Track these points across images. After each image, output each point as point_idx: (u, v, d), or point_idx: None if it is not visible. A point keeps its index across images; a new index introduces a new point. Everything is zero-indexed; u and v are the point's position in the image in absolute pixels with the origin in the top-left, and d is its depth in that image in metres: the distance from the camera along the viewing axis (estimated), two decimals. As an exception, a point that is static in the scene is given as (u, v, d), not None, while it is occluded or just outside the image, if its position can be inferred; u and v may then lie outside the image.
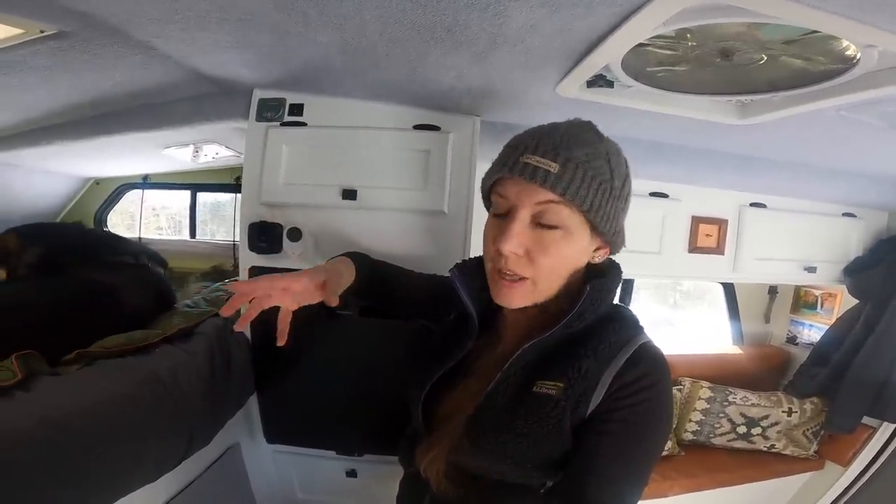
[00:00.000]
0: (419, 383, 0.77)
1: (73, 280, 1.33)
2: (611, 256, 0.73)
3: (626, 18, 0.67)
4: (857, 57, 0.77)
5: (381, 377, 1.26)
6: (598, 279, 0.68)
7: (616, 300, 0.74)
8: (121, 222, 2.64)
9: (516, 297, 0.67)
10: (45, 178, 2.07)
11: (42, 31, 0.86)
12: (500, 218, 0.67)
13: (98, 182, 2.38)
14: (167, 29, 0.87)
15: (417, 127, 1.26)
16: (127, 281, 1.40)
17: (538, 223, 0.64)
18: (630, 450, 0.62)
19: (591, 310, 0.67)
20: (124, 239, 1.58)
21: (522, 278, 0.66)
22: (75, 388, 0.91)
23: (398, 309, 1.00)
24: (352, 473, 1.47)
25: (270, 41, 0.92)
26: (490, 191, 0.70)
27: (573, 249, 0.66)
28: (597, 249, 0.70)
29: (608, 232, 0.67)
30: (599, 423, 0.62)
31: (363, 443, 1.41)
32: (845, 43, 0.75)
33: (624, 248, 0.73)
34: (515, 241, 0.64)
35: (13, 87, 1.17)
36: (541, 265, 0.65)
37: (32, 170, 1.95)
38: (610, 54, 0.81)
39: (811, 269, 1.91)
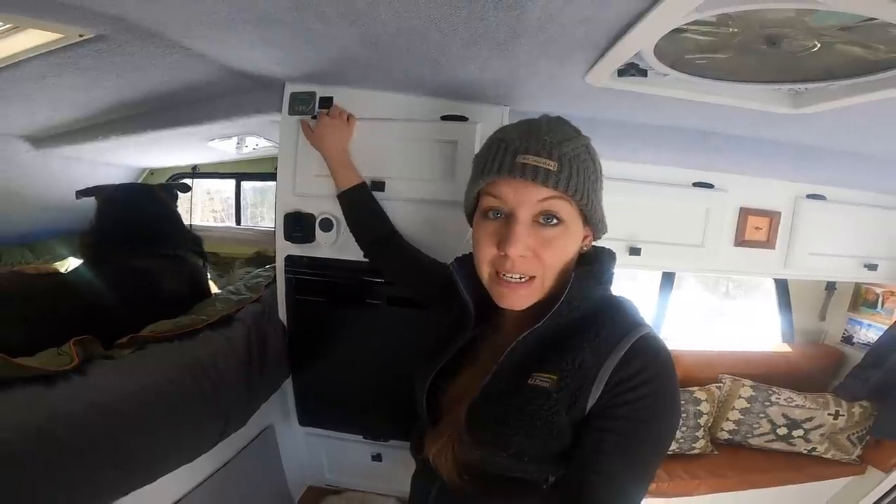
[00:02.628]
0: (422, 375, 0.78)
1: (119, 269, 1.42)
2: (601, 246, 0.75)
3: (650, 7, 0.63)
4: (924, 42, 0.69)
5: (408, 366, 1.28)
6: (583, 266, 0.69)
7: (653, 295, 0.74)
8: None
9: (523, 298, 0.68)
10: (107, 169, 2.22)
11: (81, 36, 0.91)
12: (493, 220, 0.68)
13: (153, 172, 2.52)
14: (195, 30, 0.90)
15: (445, 118, 1.25)
16: (166, 271, 1.48)
17: (538, 221, 0.66)
18: (633, 447, 0.60)
19: (580, 297, 0.67)
20: (173, 231, 1.65)
21: (531, 278, 0.67)
22: (125, 374, 0.98)
23: (414, 276, 1.09)
24: (377, 458, 1.52)
25: (293, 38, 0.93)
26: (480, 192, 0.70)
27: (571, 241, 0.68)
28: (584, 238, 0.71)
29: (596, 220, 0.71)
30: (601, 419, 0.61)
31: (389, 429, 1.45)
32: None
33: (662, 241, 0.71)
34: (522, 244, 0.64)
35: (66, 87, 1.25)
36: (548, 262, 0.66)
37: (94, 162, 2.10)
38: (638, 43, 0.76)
39: (872, 267, 1.76)
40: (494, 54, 0.90)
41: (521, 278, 0.67)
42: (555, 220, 0.66)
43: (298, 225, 1.32)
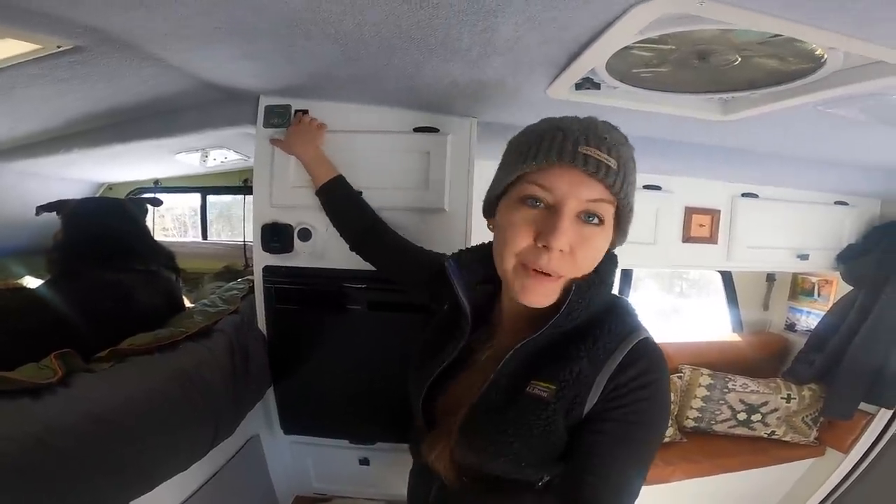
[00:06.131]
0: (417, 381, 0.77)
1: (91, 283, 1.39)
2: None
3: (601, 31, 0.73)
4: (825, 57, 0.82)
5: (391, 367, 1.30)
6: (583, 280, 0.65)
7: (616, 290, 0.73)
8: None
9: (548, 295, 0.64)
10: (62, 184, 2.13)
11: (59, 47, 0.90)
12: (531, 208, 0.63)
13: (111, 187, 2.44)
14: (176, 43, 0.92)
15: (418, 129, 1.31)
16: (140, 285, 1.45)
17: (579, 217, 0.62)
18: (627, 449, 0.61)
19: (580, 307, 0.65)
20: (144, 247, 1.63)
21: (560, 276, 0.63)
22: (112, 384, 0.97)
23: (399, 266, 1.08)
24: (365, 462, 1.53)
25: (276, 54, 0.97)
26: (519, 178, 0.64)
27: (605, 245, 0.65)
28: None
29: (627, 229, 0.68)
30: (598, 422, 0.62)
31: (375, 431, 1.47)
32: (812, 44, 0.81)
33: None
34: (565, 238, 0.60)
35: (35, 99, 1.22)
36: (580, 262, 0.63)
37: (49, 177, 2.01)
38: (592, 61, 0.87)
39: (803, 257, 1.96)
40: (467, 70, 0.98)
41: (553, 274, 0.63)
42: (596, 220, 0.62)
43: (276, 235, 1.34)
